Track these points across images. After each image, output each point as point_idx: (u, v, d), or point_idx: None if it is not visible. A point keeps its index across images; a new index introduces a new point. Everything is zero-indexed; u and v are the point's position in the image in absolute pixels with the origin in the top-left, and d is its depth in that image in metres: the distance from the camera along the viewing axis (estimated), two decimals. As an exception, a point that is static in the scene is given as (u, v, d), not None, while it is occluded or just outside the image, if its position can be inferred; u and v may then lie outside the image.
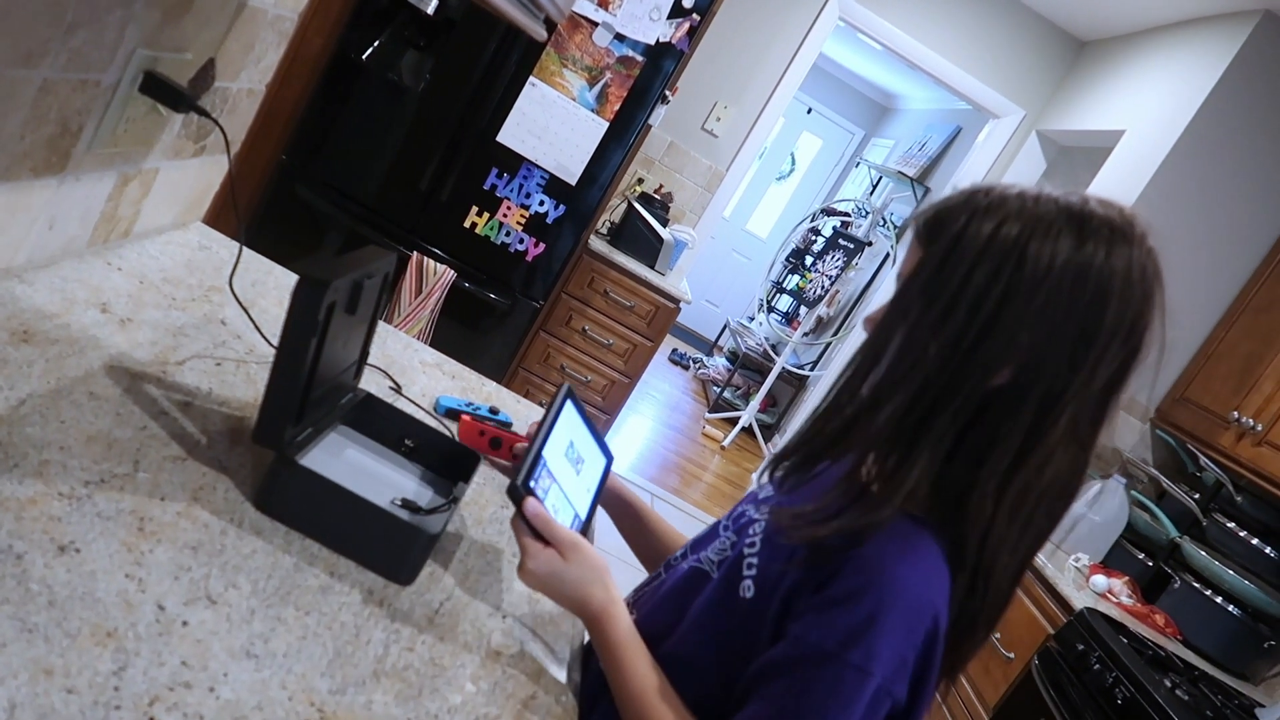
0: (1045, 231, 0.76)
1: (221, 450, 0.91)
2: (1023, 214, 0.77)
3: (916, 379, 0.78)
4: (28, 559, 0.65)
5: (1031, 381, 0.77)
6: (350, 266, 0.91)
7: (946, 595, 0.79)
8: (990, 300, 0.76)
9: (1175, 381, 3.27)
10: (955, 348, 0.77)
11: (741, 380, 6.35)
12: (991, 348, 0.76)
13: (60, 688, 0.57)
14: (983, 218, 0.78)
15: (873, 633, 0.75)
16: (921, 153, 5.95)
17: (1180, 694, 2.11)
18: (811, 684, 0.75)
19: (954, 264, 0.77)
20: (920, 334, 0.78)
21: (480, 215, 3.06)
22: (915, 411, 0.78)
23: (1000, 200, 0.79)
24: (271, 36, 1.34)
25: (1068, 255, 0.75)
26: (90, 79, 0.96)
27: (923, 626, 0.76)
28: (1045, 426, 0.77)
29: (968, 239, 0.78)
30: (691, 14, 2.96)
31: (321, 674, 0.71)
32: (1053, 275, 0.75)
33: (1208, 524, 2.85)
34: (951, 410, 0.78)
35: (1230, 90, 3.12)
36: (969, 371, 0.77)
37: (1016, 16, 4.33)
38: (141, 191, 1.21)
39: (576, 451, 1.02)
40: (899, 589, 0.76)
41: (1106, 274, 0.76)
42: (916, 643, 0.76)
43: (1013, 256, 0.76)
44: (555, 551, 0.86)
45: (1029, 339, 0.76)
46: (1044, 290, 0.75)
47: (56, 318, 0.96)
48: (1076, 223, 0.77)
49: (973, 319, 0.76)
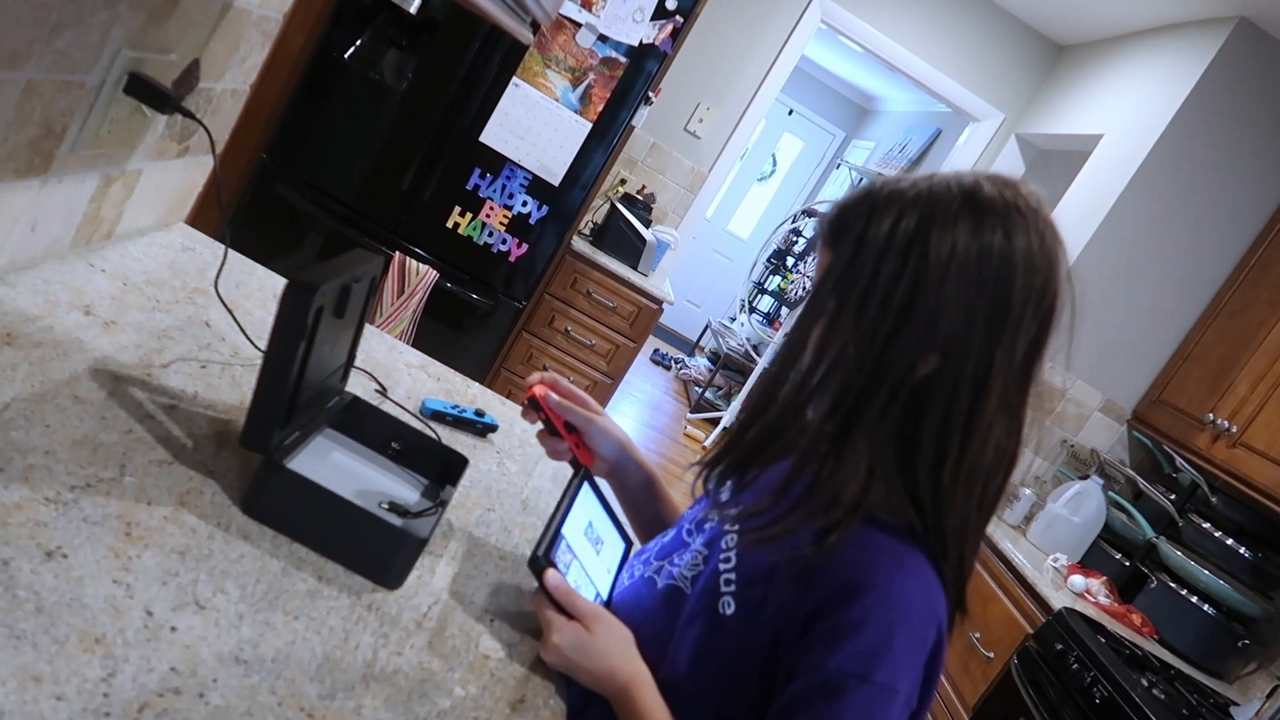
0: (943, 219, 0.79)
1: (208, 454, 0.90)
2: (919, 204, 0.80)
3: (838, 378, 0.80)
4: (14, 565, 0.65)
5: (958, 365, 0.78)
6: (338, 270, 0.91)
7: (945, 602, 0.81)
8: (900, 292, 0.78)
9: (1152, 383, 3.32)
10: (872, 342, 0.79)
11: (723, 381, 6.37)
12: (909, 338, 0.78)
13: (49, 695, 0.57)
14: (882, 213, 0.80)
15: (892, 650, 0.76)
16: (902, 155, 5.99)
17: (1157, 693, 2.14)
18: (843, 711, 0.75)
19: (860, 262, 0.80)
20: (837, 333, 0.80)
21: (463, 215, 3.05)
22: (842, 409, 0.80)
23: (897, 193, 0.81)
24: (256, 37, 1.34)
25: (967, 239, 0.78)
26: (75, 80, 0.96)
27: (930, 636, 0.79)
28: (980, 404, 0.79)
29: (870, 236, 0.80)
30: (675, 16, 2.97)
31: (311, 679, 0.71)
32: (956, 260, 0.77)
33: (1184, 524, 2.88)
34: (880, 404, 0.79)
35: (1207, 95, 3.16)
36: (890, 363, 0.79)
37: (996, 20, 4.36)
38: (125, 193, 1.20)
39: (595, 532, 1.02)
40: (905, 604, 0.78)
41: (1007, 251, 0.78)
42: (925, 651, 0.79)
43: (916, 248, 0.78)
44: (579, 625, 0.86)
45: (945, 324, 0.78)
46: (951, 276, 0.77)
47: (39, 320, 0.95)
48: (971, 206, 0.79)
49: (885, 312, 0.78)
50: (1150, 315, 3.27)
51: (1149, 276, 3.25)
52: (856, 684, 0.75)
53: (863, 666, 0.76)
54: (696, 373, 6.67)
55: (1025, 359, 0.80)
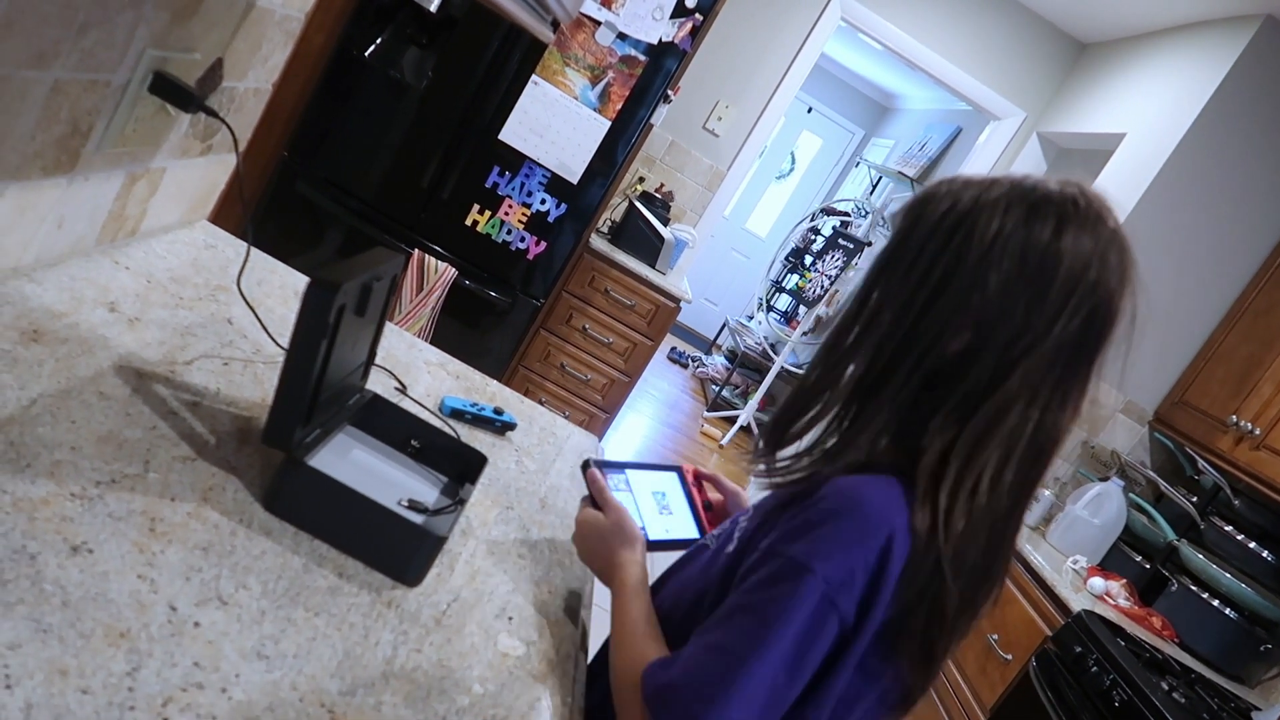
0: (993, 208, 0.81)
1: (230, 450, 0.91)
2: (975, 194, 0.82)
3: (873, 341, 0.83)
4: (41, 559, 0.65)
5: (983, 345, 0.80)
6: (359, 268, 0.92)
7: (905, 520, 0.78)
8: (940, 266, 0.81)
9: (1174, 385, 3.28)
10: (907, 310, 0.82)
11: (740, 379, 6.36)
12: (940, 312, 0.80)
13: (75, 688, 0.58)
14: (940, 200, 0.84)
15: (819, 534, 0.77)
16: (922, 153, 5.96)
17: (1177, 697, 2.12)
18: (759, 582, 0.77)
19: (910, 239, 0.84)
20: (879, 299, 0.84)
21: (482, 213, 3.06)
22: (872, 372, 0.83)
23: (961, 185, 0.84)
24: (279, 36, 1.35)
25: (1013, 228, 0.79)
26: (100, 79, 0.96)
27: (876, 542, 0.76)
28: (996, 383, 0.79)
29: (924, 217, 0.83)
30: (694, 14, 2.96)
31: (331, 675, 0.71)
32: (997, 246, 0.79)
33: (1205, 527, 2.86)
34: (905, 369, 0.82)
35: (1231, 94, 3.13)
36: (921, 334, 0.81)
37: (1017, 18, 4.33)
38: (149, 190, 1.21)
39: (667, 501, 1.08)
40: (854, 500, 0.78)
41: (1053, 247, 0.79)
42: (869, 559, 0.76)
43: (960, 229, 0.81)
44: (602, 514, 0.97)
45: (978, 303, 0.79)
46: (991, 258, 0.79)
47: (65, 317, 0.96)
48: (1026, 201, 0.81)
49: (923, 285, 0.81)
50: (1173, 315, 3.24)
51: (1172, 276, 3.22)
52: (774, 557, 0.78)
53: (784, 544, 0.78)
54: (714, 371, 6.66)
55: (1068, 356, 0.80)
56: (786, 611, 0.75)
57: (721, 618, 0.78)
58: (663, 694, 0.76)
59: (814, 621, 0.75)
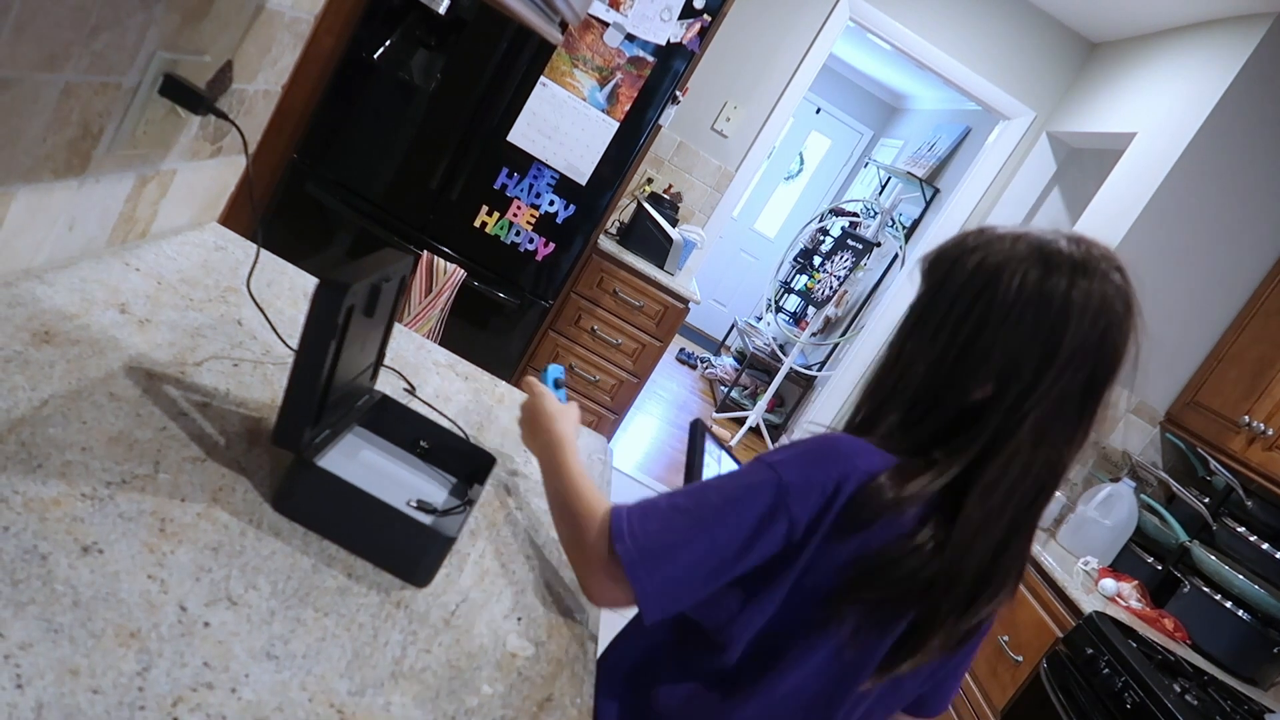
0: (1015, 266, 0.88)
1: (240, 451, 0.91)
2: (1000, 252, 0.90)
3: (908, 393, 0.92)
4: (52, 559, 0.66)
5: (1003, 393, 0.88)
6: (368, 270, 0.92)
7: (874, 461, 0.88)
8: (967, 328, 0.89)
9: (1186, 385, 3.27)
10: (938, 366, 0.90)
11: (749, 380, 6.36)
12: (968, 367, 0.89)
13: (86, 688, 0.58)
14: (968, 256, 0.91)
15: (793, 450, 0.90)
16: (931, 153, 5.95)
17: (1190, 699, 2.11)
18: (733, 473, 0.92)
19: (941, 296, 0.92)
20: (913, 353, 0.93)
21: (490, 215, 3.07)
22: (909, 420, 0.92)
23: (985, 241, 0.92)
24: (288, 38, 1.35)
25: (1033, 286, 0.87)
26: (111, 82, 0.97)
27: (836, 471, 0.87)
28: (1010, 430, 0.87)
29: (954, 274, 0.91)
30: (702, 15, 2.96)
31: (341, 675, 0.71)
32: (1019, 303, 0.87)
33: (1218, 528, 2.84)
34: (936, 414, 0.91)
35: (1243, 93, 3.11)
36: (949, 385, 0.90)
37: (1027, 17, 4.32)
38: (159, 192, 1.22)
39: None
40: (832, 439, 0.90)
41: (1066, 301, 0.87)
42: (826, 482, 0.87)
43: (986, 292, 0.89)
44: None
45: (1000, 359, 0.88)
46: (1011, 319, 0.87)
47: (76, 318, 0.97)
48: (1044, 258, 0.88)
49: (952, 342, 0.90)
50: (1184, 316, 3.22)
51: (1183, 276, 3.21)
52: (751, 462, 0.92)
53: (766, 455, 0.91)
54: (722, 372, 6.66)
55: (1076, 401, 0.88)
56: (745, 496, 0.88)
57: (694, 489, 0.92)
58: (629, 533, 0.90)
59: (767, 513, 0.87)
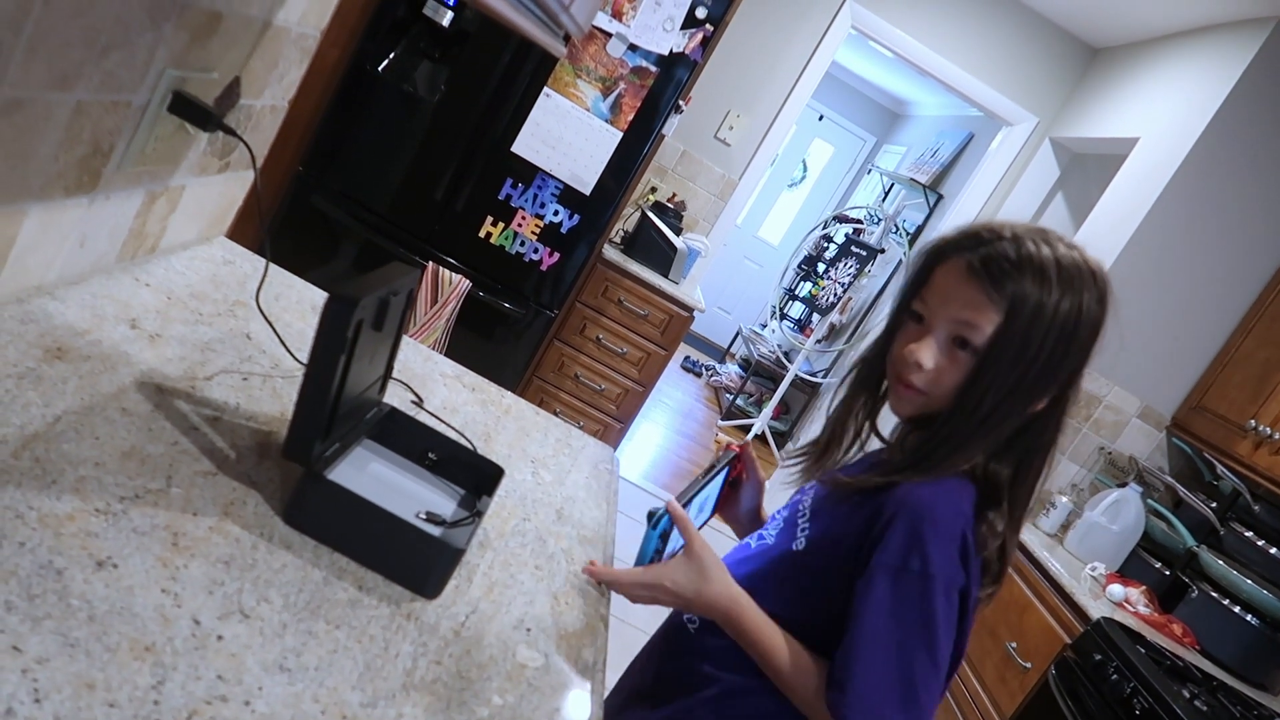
0: (1085, 297, 0.97)
1: (250, 465, 0.92)
2: (1069, 283, 0.97)
3: (978, 413, 0.98)
4: (68, 575, 0.66)
5: (1057, 403, 1.00)
6: (377, 283, 0.93)
7: (971, 504, 0.97)
8: (1050, 364, 0.97)
9: (1192, 389, 3.26)
10: (1013, 392, 0.98)
11: (754, 387, 6.36)
12: (1041, 392, 0.98)
13: (102, 701, 0.59)
14: (1050, 293, 0.96)
15: (922, 540, 0.93)
16: (934, 159, 5.95)
17: (1199, 705, 2.10)
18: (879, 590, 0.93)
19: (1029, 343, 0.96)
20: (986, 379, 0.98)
21: (495, 225, 3.08)
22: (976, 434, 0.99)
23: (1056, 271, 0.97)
24: (294, 54, 1.36)
25: (1095, 313, 0.98)
26: (121, 100, 0.98)
27: (957, 529, 0.95)
28: (1059, 431, 1.02)
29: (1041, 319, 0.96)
30: (705, 24, 2.98)
31: (353, 687, 0.72)
32: (1085, 332, 0.97)
33: (1225, 533, 2.84)
34: (997, 438, 1.00)
35: (1245, 97, 3.12)
36: (1025, 407, 0.99)
37: (1028, 23, 4.33)
38: (169, 208, 1.23)
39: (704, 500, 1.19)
40: (927, 508, 0.95)
41: (1099, 317, 0.99)
42: (956, 542, 0.94)
43: (1069, 329, 0.96)
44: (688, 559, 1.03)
45: (1061, 380, 0.98)
46: (1078, 346, 0.98)
47: (88, 334, 0.98)
48: (1093, 281, 0.98)
49: (1035, 379, 0.97)
50: (1189, 320, 3.22)
51: (1187, 281, 3.21)
52: (892, 571, 0.93)
53: (895, 558, 0.93)
54: (728, 380, 6.66)
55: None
56: (933, 616, 0.92)
57: (881, 640, 0.93)
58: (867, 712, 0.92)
59: (948, 609, 0.93)
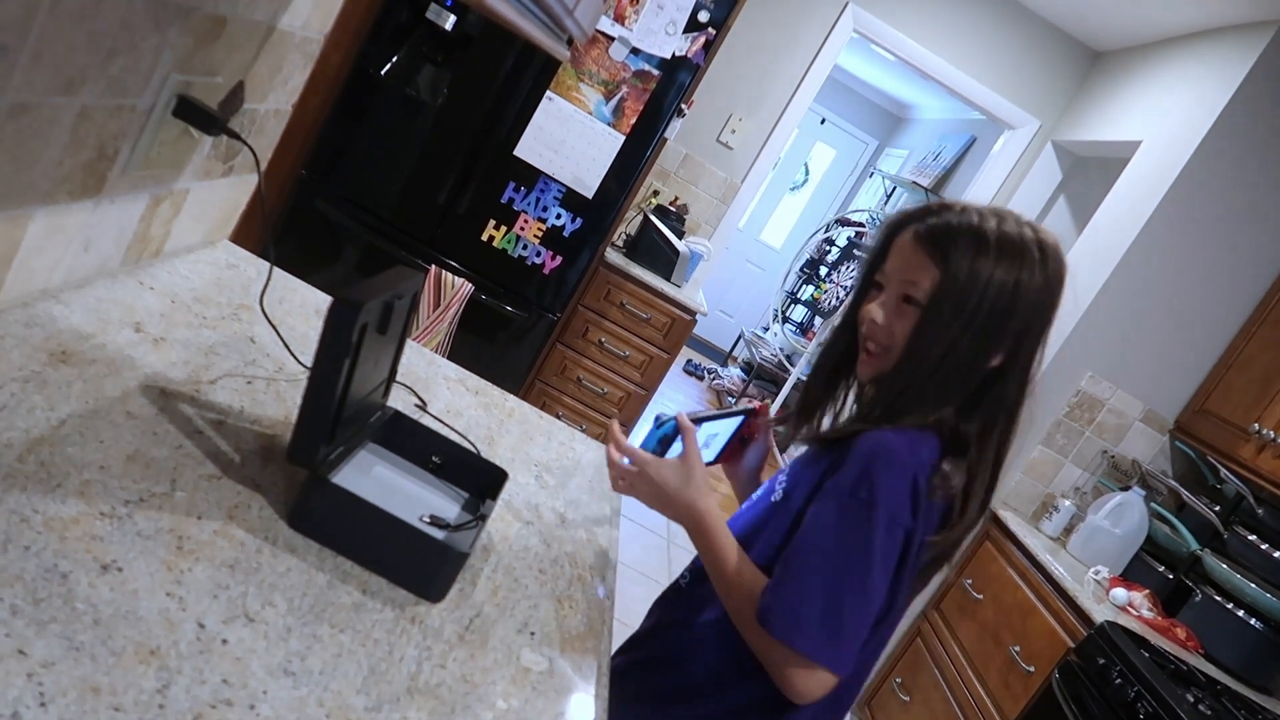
0: (1030, 265, 1.03)
1: (255, 468, 0.92)
2: (1011, 251, 1.03)
3: (930, 364, 1.04)
4: (73, 578, 0.67)
5: (1013, 363, 1.06)
6: (381, 287, 0.93)
7: (931, 454, 1.02)
8: (995, 321, 1.03)
9: (1195, 393, 3.26)
10: (959, 345, 1.03)
11: (756, 391, 6.36)
12: (989, 346, 1.04)
13: (108, 705, 0.59)
14: (985, 253, 1.03)
15: (871, 475, 0.99)
16: (936, 163, 5.95)
17: (1203, 709, 2.10)
18: (825, 513, 1.00)
19: (969, 293, 1.03)
20: (938, 334, 1.04)
21: (498, 228, 3.08)
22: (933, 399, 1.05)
23: (996, 238, 1.04)
24: (298, 58, 1.36)
25: (1039, 280, 1.04)
26: (126, 104, 0.98)
27: (908, 469, 1.00)
28: (1024, 393, 1.07)
29: (979, 266, 1.03)
30: (707, 28, 2.98)
31: (357, 691, 0.72)
32: (1030, 296, 1.03)
33: (1229, 536, 2.83)
34: (956, 383, 1.05)
35: (1248, 100, 3.12)
36: (970, 361, 1.04)
37: (1030, 27, 4.33)
38: (173, 212, 1.23)
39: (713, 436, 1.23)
40: (884, 447, 1.01)
41: (1054, 285, 1.05)
42: (907, 480, 0.99)
43: (1015, 292, 1.03)
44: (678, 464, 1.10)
45: (1013, 336, 1.04)
46: (1023, 307, 1.03)
47: (92, 338, 0.98)
48: (1039, 253, 1.04)
49: (974, 324, 1.03)
50: (1192, 323, 3.21)
51: (1190, 284, 3.20)
52: (840, 497, 1.00)
53: (846, 486, 0.99)
54: (730, 383, 6.66)
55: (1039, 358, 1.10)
56: (870, 544, 0.98)
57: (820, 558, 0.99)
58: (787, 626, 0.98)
59: (888, 542, 0.98)
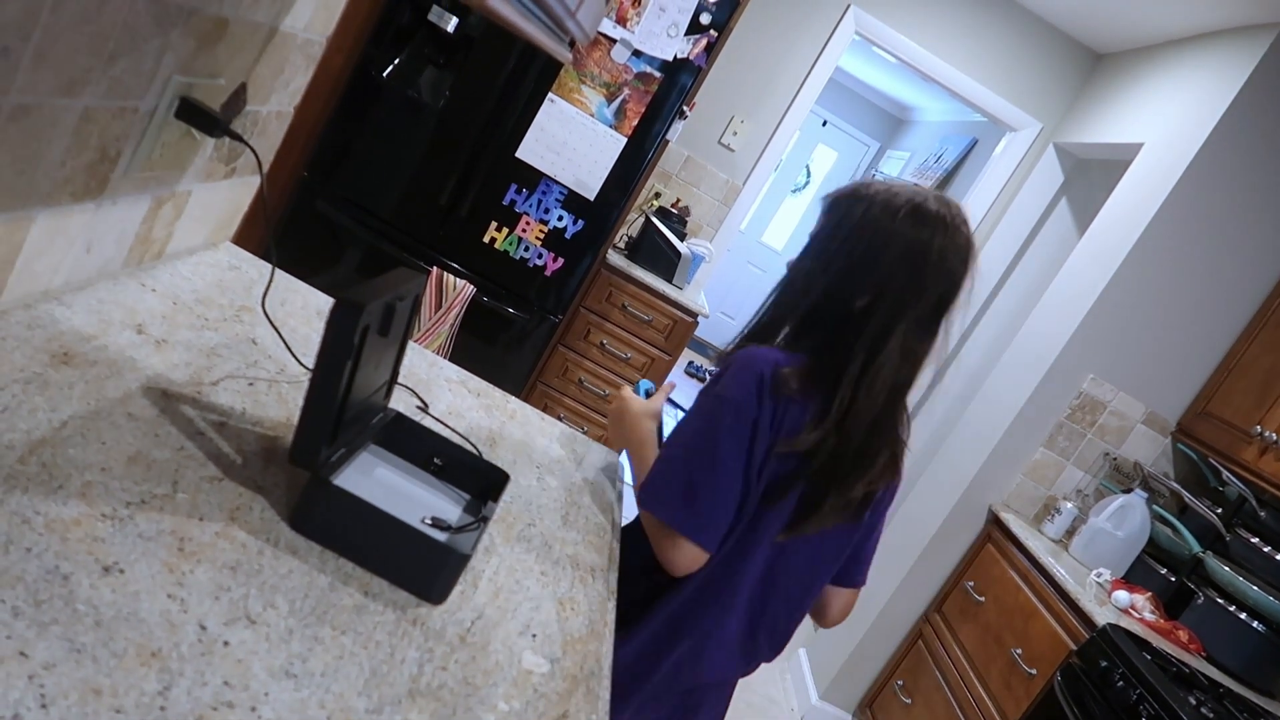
0: (894, 214, 1.20)
1: (256, 470, 0.92)
2: (883, 203, 1.21)
3: (809, 302, 1.25)
4: (74, 580, 0.66)
5: (876, 308, 1.20)
6: (383, 289, 0.93)
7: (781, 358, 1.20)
8: (857, 256, 1.21)
9: (1196, 395, 3.25)
10: (827, 279, 1.23)
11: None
12: (851, 283, 1.21)
13: (109, 708, 0.59)
14: (860, 205, 1.23)
15: (725, 377, 1.21)
16: (938, 165, 5.95)
17: (1206, 711, 2.09)
18: (693, 414, 1.23)
19: (839, 231, 1.24)
20: (811, 272, 1.26)
21: (499, 230, 3.08)
22: (806, 321, 1.27)
23: (874, 192, 1.23)
24: (300, 60, 1.36)
25: (905, 231, 1.19)
26: (129, 106, 0.98)
27: (757, 367, 1.18)
28: (887, 338, 1.19)
29: (850, 216, 1.23)
30: (709, 30, 2.98)
31: (359, 693, 0.72)
32: (894, 244, 1.19)
33: (1231, 539, 2.83)
34: (826, 320, 1.23)
35: (1250, 103, 3.11)
36: (836, 295, 1.22)
37: (1032, 29, 4.33)
38: (175, 213, 1.23)
39: None
40: (747, 356, 1.21)
41: (928, 246, 1.19)
42: (754, 375, 1.18)
43: (869, 231, 1.21)
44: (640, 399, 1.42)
45: (876, 280, 1.19)
46: (888, 251, 1.19)
47: (94, 339, 0.98)
48: (915, 210, 1.20)
49: (844, 265, 1.22)
50: (1194, 326, 3.21)
51: (1192, 286, 3.20)
52: (700, 396, 1.24)
53: (708, 387, 1.24)
54: (731, 385, 6.65)
55: (926, 320, 1.22)
56: (716, 428, 1.18)
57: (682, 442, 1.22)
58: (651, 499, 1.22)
59: (735, 426, 1.17)
